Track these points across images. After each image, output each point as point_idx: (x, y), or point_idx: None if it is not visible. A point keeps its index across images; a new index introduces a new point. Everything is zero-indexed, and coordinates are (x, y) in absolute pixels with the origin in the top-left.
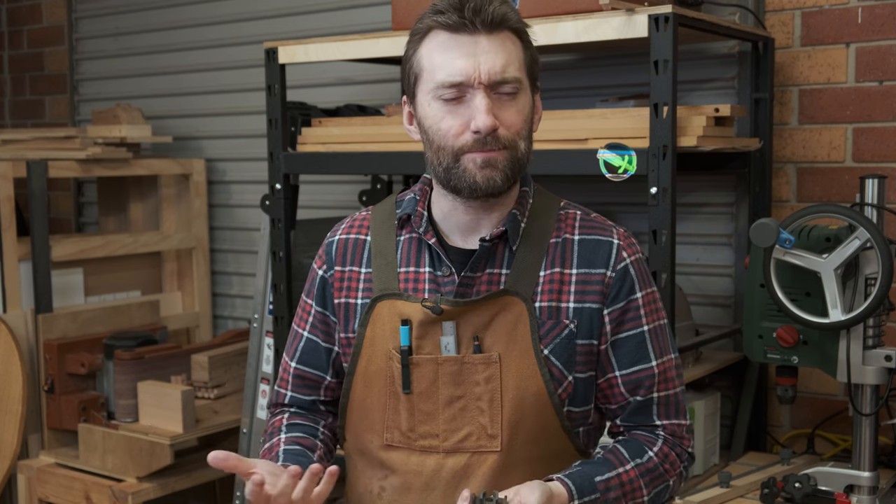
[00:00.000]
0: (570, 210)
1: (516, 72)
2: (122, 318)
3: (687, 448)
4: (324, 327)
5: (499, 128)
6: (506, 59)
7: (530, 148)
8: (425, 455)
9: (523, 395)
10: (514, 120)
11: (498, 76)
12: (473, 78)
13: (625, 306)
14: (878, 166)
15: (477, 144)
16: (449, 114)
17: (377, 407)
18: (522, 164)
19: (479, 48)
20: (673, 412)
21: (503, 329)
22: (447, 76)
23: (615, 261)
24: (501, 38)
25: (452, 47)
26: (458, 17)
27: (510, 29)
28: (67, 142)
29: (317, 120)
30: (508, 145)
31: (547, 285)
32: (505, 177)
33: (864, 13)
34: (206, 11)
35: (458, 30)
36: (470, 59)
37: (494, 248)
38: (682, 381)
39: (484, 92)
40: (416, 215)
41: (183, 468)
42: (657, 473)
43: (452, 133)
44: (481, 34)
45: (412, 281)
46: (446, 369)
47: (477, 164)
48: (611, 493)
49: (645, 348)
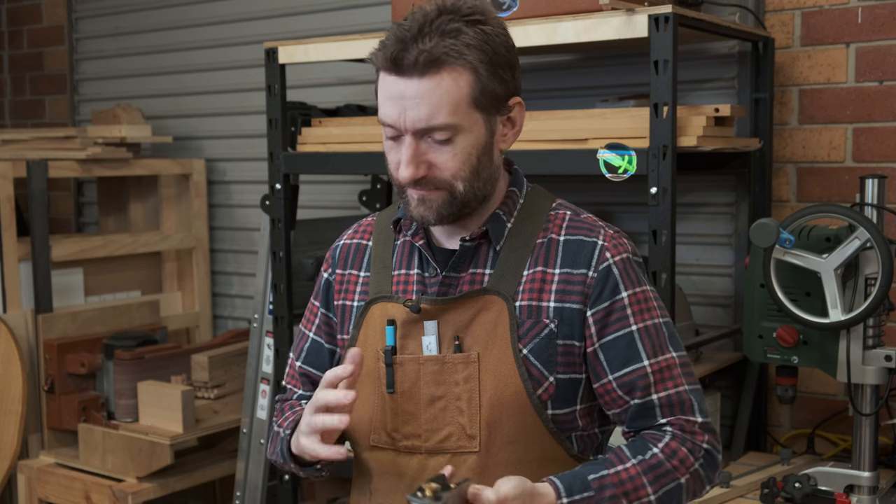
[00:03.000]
0: (561, 210)
1: (447, 118)
2: (122, 318)
3: (701, 443)
4: (327, 329)
5: (427, 173)
6: (432, 107)
7: (477, 183)
8: (409, 456)
9: (501, 395)
10: (448, 164)
11: (422, 124)
12: (400, 124)
13: (609, 307)
14: (878, 166)
15: (410, 182)
16: (392, 149)
17: (366, 408)
18: (464, 201)
19: (406, 94)
20: (678, 409)
21: (483, 328)
22: (383, 116)
23: (597, 261)
24: (436, 80)
25: (386, 87)
26: (393, 57)
27: (450, 66)
28: (67, 142)
29: (317, 120)
30: (442, 186)
31: (528, 284)
32: (438, 215)
33: (864, 13)
34: (206, 11)
35: (391, 70)
36: (397, 104)
37: (478, 248)
38: (690, 379)
39: (412, 138)
40: (406, 219)
41: (183, 468)
42: (663, 471)
43: (394, 167)
44: (412, 78)
45: (403, 283)
46: (428, 369)
47: (414, 199)
48: (606, 491)
49: (635, 349)
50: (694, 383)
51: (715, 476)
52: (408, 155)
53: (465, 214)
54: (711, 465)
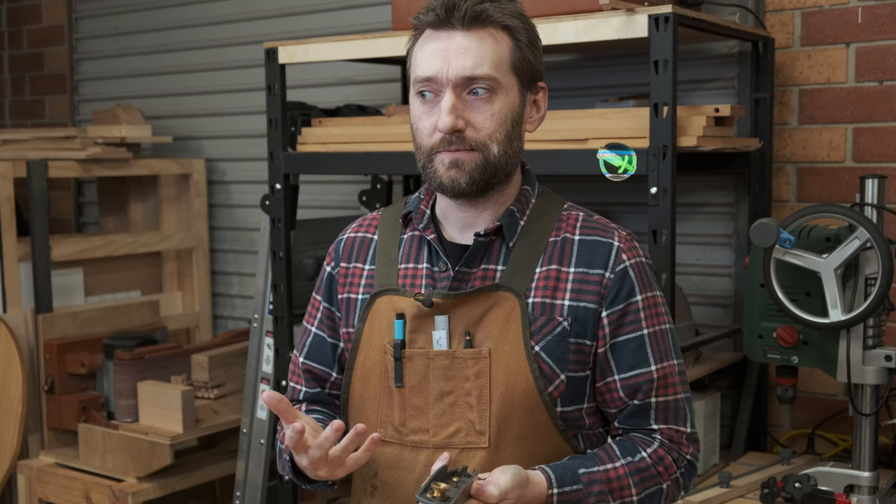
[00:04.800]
0: (574, 212)
1: (490, 70)
2: (122, 318)
3: (685, 454)
4: (330, 323)
5: (465, 129)
6: (477, 58)
7: (510, 150)
8: (416, 451)
9: (512, 392)
10: (486, 123)
11: (467, 72)
12: (442, 74)
13: (624, 309)
14: (878, 166)
15: (443, 144)
16: (425, 113)
17: (373, 402)
18: (496, 168)
19: (451, 45)
20: (672, 418)
21: (495, 324)
22: (421, 72)
23: (614, 262)
24: (479, 35)
25: (430, 44)
26: (437, 13)
27: (493, 26)
28: (67, 142)
29: (317, 120)
30: (477, 147)
31: (542, 282)
32: (471, 179)
33: (864, 13)
34: (206, 11)
35: (437, 27)
36: (440, 56)
37: (491, 244)
38: (685, 388)
39: (452, 91)
40: (417, 213)
41: (183, 468)
42: (649, 475)
43: (427, 132)
44: (457, 31)
45: (410, 277)
46: (437, 363)
47: (444, 164)
48: (594, 486)
49: (644, 352)
50: (687, 391)
51: (691, 484)
52: (449, 104)
53: (491, 187)
54: (691, 474)
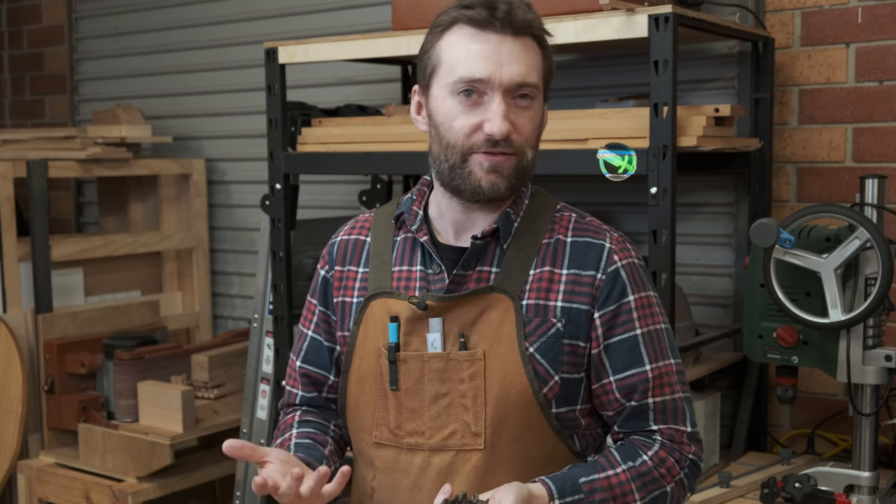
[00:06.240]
0: (566, 213)
1: (535, 78)
2: (122, 318)
3: (687, 454)
4: (326, 326)
5: (512, 133)
6: (527, 66)
7: (536, 156)
8: (412, 453)
9: (507, 393)
10: (526, 127)
11: (519, 79)
12: (495, 79)
13: (616, 309)
14: (878, 166)
15: (486, 146)
16: (464, 113)
17: (369, 405)
18: (527, 172)
19: (503, 49)
20: (671, 417)
21: (489, 326)
22: (468, 72)
23: (606, 263)
24: (525, 43)
25: (477, 44)
26: (488, 14)
27: (533, 36)
28: (67, 142)
29: (317, 120)
30: (517, 151)
31: (535, 283)
32: (510, 184)
33: (864, 13)
34: (206, 11)
35: (484, 27)
36: (493, 58)
37: (486, 246)
38: (684, 388)
39: (502, 96)
40: (410, 214)
41: (183, 468)
42: (651, 478)
43: (464, 132)
44: (508, 36)
45: (404, 279)
46: (432, 366)
47: (483, 167)
48: (596, 494)
49: (638, 352)
50: (687, 391)
51: (696, 484)
52: (502, 109)
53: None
54: (695, 474)
